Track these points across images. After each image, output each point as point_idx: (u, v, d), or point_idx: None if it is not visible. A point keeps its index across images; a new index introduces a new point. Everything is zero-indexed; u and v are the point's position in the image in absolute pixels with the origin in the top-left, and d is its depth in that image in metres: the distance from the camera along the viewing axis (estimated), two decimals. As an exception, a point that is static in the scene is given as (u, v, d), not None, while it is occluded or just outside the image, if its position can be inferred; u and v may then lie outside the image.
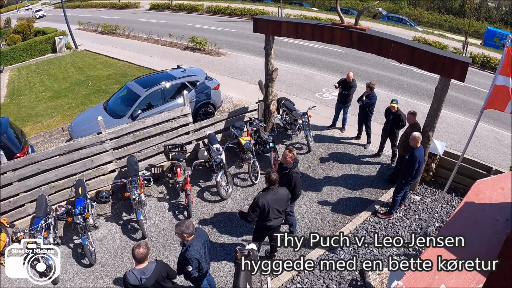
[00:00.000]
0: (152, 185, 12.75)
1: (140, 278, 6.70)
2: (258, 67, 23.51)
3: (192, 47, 30.12)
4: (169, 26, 39.58)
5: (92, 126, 13.82)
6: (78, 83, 25.07)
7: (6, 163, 11.23)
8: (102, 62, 29.94)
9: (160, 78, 15.99)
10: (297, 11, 43.87)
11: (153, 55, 29.78)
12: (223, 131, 13.92)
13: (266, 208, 8.25)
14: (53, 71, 29.67)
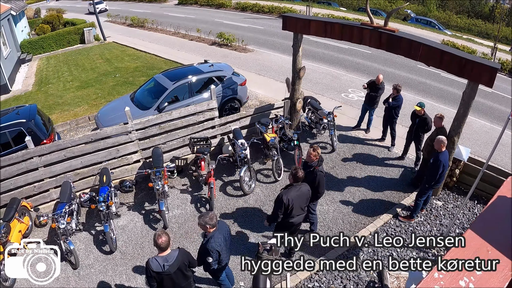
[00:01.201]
0: (175, 177, 12.85)
1: (163, 265, 6.76)
2: (285, 64, 23.48)
3: (220, 42, 30.22)
4: (197, 21, 39.76)
5: (118, 116, 13.99)
6: (105, 74, 25.36)
7: (33, 148, 11.40)
8: (129, 54, 30.24)
9: (187, 72, 16.06)
10: (325, 10, 43.72)
11: (180, 49, 29.98)
12: (248, 127, 13.93)
13: (290, 205, 8.26)
14: (81, 61, 30.01)
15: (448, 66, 9.90)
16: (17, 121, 13.55)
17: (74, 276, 10.02)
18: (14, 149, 12.78)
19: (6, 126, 13.42)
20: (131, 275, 9.85)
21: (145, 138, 12.48)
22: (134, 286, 9.55)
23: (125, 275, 9.86)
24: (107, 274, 9.95)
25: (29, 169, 11.59)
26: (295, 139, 12.76)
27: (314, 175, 9.11)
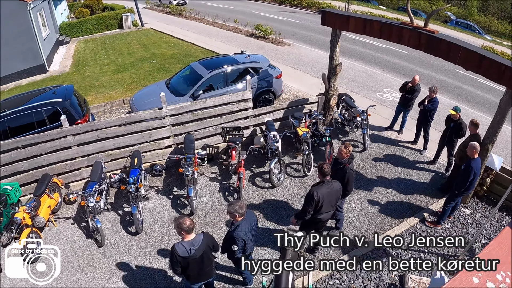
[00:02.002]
0: (205, 165, 12.93)
1: (189, 250, 6.79)
2: (321, 60, 23.34)
3: (257, 34, 30.14)
4: (235, 12, 39.77)
5: (153, 101, 14.14)
6: (142, 60, 25.61)
7: (68, 127, 11.60)
8: (166, 41, 30.44)
9: (223, 61, 16.09)
10: (364, 8, 43.22)
11: (217, 39, 30.05)
12: (281, 120, 13.89)
13: (320, 202, 8.20)
14: (118, 46, 30.34)
15: (486, 71, 9.64)
16: (53, 100, 13.83)
17: (99, 253, 10.25)
18: (49, 127, 13.06)
19: (43, 105, 13.73)
20: (154, 257, 9.99)
21: (178, 124, 12.58)
22: (156, 268, 9.69)
23: (149, 256, 10.01)
24: (131, 254, 10.13)
25: (62, 147, 11.85)
26: (327, 135, 12.67)
27: (343, 172, 9.06)
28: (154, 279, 9.43)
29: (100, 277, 9.65)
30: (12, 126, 13.48)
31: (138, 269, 9.74)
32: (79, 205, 11.88)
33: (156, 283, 9.34)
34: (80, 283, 9.54)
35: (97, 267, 9.92)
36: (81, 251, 10.45)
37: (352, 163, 9.37)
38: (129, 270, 9.76)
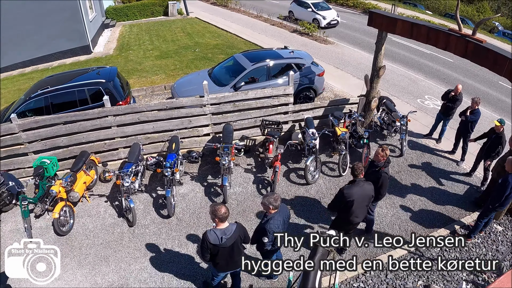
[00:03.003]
0: (241, 156, 12.96)
1: (221, 238, 6.82)
2: (364, 61, 23.11)
3: (301, 31, 29.99)
4: (280, 7, 39.61)
5: (194, 89, 14.28)
6: (185, 48, 25.81)
7: (109, 108, 11.78)
8: (211, 31, 30.62)
9: (267, 55, 16.12)
10: (410, 12, 42.52)
11: (261, 33, 30.04)
12: (320, 118, 13.81)
13: (350, 200, 8.17)
14: (162, 32, 30.64)
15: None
16: (97, 81, 14.13)
17: (129, 233, 10.49)
18: (91, 106, 13.32)
19: (86, 84, 14.05)
20: (183, 241, 10.12)
21: (218, 113, 12.65)
22: (184, 253, 9.82)
23: (178, 240, 10.16)
24: (161, 236, 10.30)
25: (102, 126, 12.10)
26: (365, 137, 12.55)
27: (378, 175, 8.98)
28: (180, 263, 9.55)
29: (128, 256, 9.87)
30: (54, 102, 13.81)
31: (166, 252, 9.88)
32: (114, 184, 12.13)
33: (182, 267, 9.46)
34: (108, 260, 9.81)
35: (126, 246, 10.15)
36: (111, 229, 10.71)
37: (388, 167, 9.28)
38: (157, 252, 9.93)
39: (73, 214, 10.97)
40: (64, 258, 9.97)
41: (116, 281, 9.31)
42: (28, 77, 24.54)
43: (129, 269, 9.54)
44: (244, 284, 8.84)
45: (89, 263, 9.82)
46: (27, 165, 12.45)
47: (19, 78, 24.82)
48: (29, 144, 12.18)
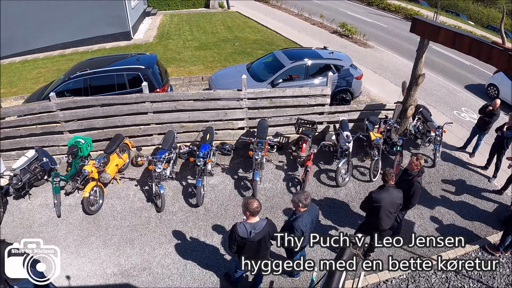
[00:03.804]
0: (274, 152, 12.95)
1: (250, 232, 6.83)
2: (402, 68, 22.82)
3: (341, 32, 29.73)
4: (321, 7, 39.44)
5: (231, 82, 14.33)
6: (224, 41, 25.93)
7: (147, 94, 11.90)
8: (251, 26, 30.68)
9: (306, 54, 16.04)
10: (452, 21, 41.76)
11: (300, 31, 29.89)
12: (355, 121, 13.69)
13: (377, 204, 8.15)
14: (203, 24, 30.83)
15: None
16: (136, 66, 14.28)
17: (156, 218, 10.65)
18: (128, 91, 13.46)
19: (126, 69, 14.26)
20: (209, 231, 10.20)
21: (254, 108, 12.66)
22: (208, 243, 9.88)
23: (204, 230, 10.23)
24: (187, 225, 10.40)
25: (139, 111, 12.27)
26: (399, 144, 12.39)
27: (411, 184, 8.90)
28: (204, 253, 9.61)
29: (153, 240, 10.01)
30: (93, 84, 14.07)
31: (191, 240, 9.97)
32: (145, 169, 12.29)
33: (205, 257, 9.52)
34: (133, 242, 9.98)
35: (152, 230, 10.29)
36: (139, 212, 10.87)
37: (421, 177, 9.18)
38: (182, 239, 10.02)
39: (102, 194, 11.18)
40: (90, 237, 10.24)
41: (139, 264, 9.45)
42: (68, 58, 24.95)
43: (153, 254, 9.67)
44: (265, 280, 8.83)
45: (114, 243, 10.01)
46: (62, 143, 12.71)
47: (59, 58, 25.24)
48: (66, 123, 12.45)
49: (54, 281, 9.00)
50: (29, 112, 12.47)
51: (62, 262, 9.57)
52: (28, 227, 10.85)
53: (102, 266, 9.47)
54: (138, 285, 9.00)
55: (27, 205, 11.52)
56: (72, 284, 9.15)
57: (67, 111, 12.22)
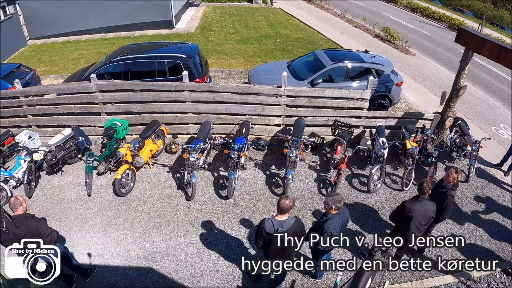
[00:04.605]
0: (308, 152, 12.85)
1: (276, 229, 6.79)
2: (443, 78, 22.42)
3: (383, 37, 29.35)
4: (365, 9, 39.06)
5: (271, 78, 14.32)
6: (266, 36, 25.95)
7: (187, 83, 12.00)
8: (293, 24, 30.62)
9: (348, 56, 15.91)
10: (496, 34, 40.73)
11: (342, 33, 29.63)
12: (392, 128, 13.48)
13: (408, 215, 7.97)
14: (245, 18, 30.89)
15: None
16: (177, 55, 14.37)
17: (185, 206, 10.74)
18: (168, 78, 13.58)
19: (167, 57, 14.39)
20: (236, 225, 10.21)
21: (293, 106, 12.58)
22: (235, 236, 9.90)
23: (231, 222, 10.26)
24: (215, 216, 10.45)
25: (177, 100, 12.35)
26: (434, 155, 12.14)
27: (444, 197, 8.72)
28: (229, 245, 9.64)
29: (180, 228, 10.11)
30: (133, 69, 14.29)
31: (218, 232, 10.01)
32: (178, 156, 12.42)
33: (230, 249, 9.54)
34: (160, 228, 10.11)
35: (180, 218, 10.38)
36: (169, 199, 10.98)
37: (455, 191, 9.02)
38: (209, 229, 10.08)
39: (134, 178, 11.32)
40: (118, 218, 10.43)
41: (164, 249, 9.55)
42: (110, 42, 25.32)
43: (179, 241, 9.75)
44: (287, 278, 8.80)
45: (141, 227, 10.14)
46: (98, 124, 12.94)
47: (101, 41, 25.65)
48: (104, 105, 12.67)
49: (78, 258, 9.25)
50: (69, 91, 12.74)
51: (88, 240, 9.85)
52: (58, 202, 11.10)
53: (127, 248, 9.62)
54: (160, 270, 9.11)
55: (59, 182, 11.79)
56: (96, 263, 9.32)
57: (106, 93, 12.44)
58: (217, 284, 8.81)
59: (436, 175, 12.17)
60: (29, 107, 13.16)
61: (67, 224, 10.34)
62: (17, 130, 13.00)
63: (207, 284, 8.80)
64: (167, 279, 8.94)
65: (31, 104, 13.13)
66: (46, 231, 7.56)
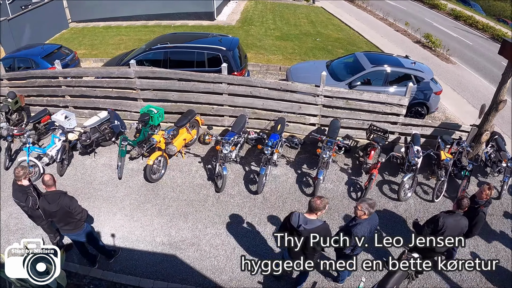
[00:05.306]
0: (341, 154, 12.71)
1: (300, 225, 6.78)
2: (482, 90, 21.95)
3: (424, 43, 28.82)
4: (407, 13, 38.45)
5: (309, 77, 14.21)
6: (306, 34, 25.84)
7: (226, 75, 12.04)
8: (334, 24, 30.41)
9: (388, 60, 15.71)
10: (542, 48, 39.97)
11: (383, 36, 29.26)
12: (427, 137, 13.24)
13: (442, 230, 7.77)
14: (286, 15, 30.83)
15: None
16: (218, 47, 14.42)
17: (214, 198, 10.82)
18: (206, 70, 13.63)
19: (207, 48, 14.47)
20: (263, 220, 10.20)
21: (329, 106, 12.46)
22: (261, 231, 9.90)
23: (258, 218, 10.26)
24: (243, 210, 10.48)
25: (214, 91, 12.40)
26: (468, 169, 11.85)
27: (475, 213, 8.54)
28: (254, 240, 9.66)
29: (206, 218, 10.19)
30: (172, 58, 14.45)
31: (244, 226, 10.05)
32: (211, 147, 12.52)
33: (255, 244, 9.56)
34: (187, 217, 10.22)
35: (207, 209, 10.46)
36: (198, 189, 11.08)
37: (488, 208, 8.86)
38: (236, 223, 10.11)
39: (166, 165, 11.44)
40: (146, 203, 10.58)
41: (189, 238, 9.64)
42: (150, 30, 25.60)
43: (205, 231, 9.83)
44: (309, 279, 8.74)
45: (168, 214, 10.27)
46: (134, 109, 13.10)
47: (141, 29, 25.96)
48: (141, 91, 12.82)
49: (104, 239, 9.42)
50: (107, 75, 12.97)
51: (115, 222, 10.04)
52: (88, 183, 11.34)
53: (152, 234, 9.76)
54: (183, 259, 9.20)
55: (91, 163, 12.05)
56: (121, 245, 9.50)
57: (145, 80, 12.58)
58: (239, 278, 8.84)
59: (468, 189, 11.90)
60: (67, 88, 13.46)
61: (96, 204, 10.57)
62: (54, 110, 13.31)
63: (229, 277, 8.84)
64: (189, 268, 9.02)
65: (69, 85, 13.44)
66: (77, 209, 7.75)
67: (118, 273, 8.87)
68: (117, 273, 8.88)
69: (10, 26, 22.85)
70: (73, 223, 7.85)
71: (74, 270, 8.91)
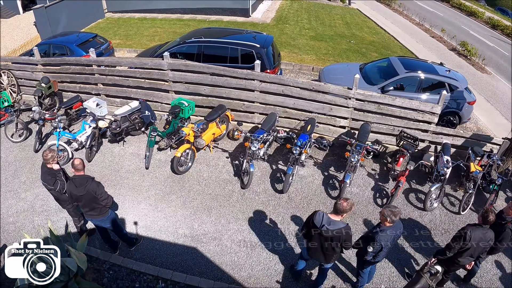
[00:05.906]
0: (369, 158, 12.60)
1: (323, 224, 6.79)
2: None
3: (460, 51, 28.36)
4: (444, 20, 37.91)
5: (341, 78, 14.15)
6: (341, 36, 25.68)
7: (258, 72, 12.05)
8: (369, 26, 30.19)
9: (422, 66, 15.50)
10: None
11: (419, 42, 28.94)
12: (458, 148, 13.04)
13: (468, 244, 7.59)
14: (322, 15, 30.69)
15: None
16: (252, 44, 14.43)
17: (239, 194, 10.83)
18: (239, 66, 13.65)
19: (241, 44, 14.45)
20: (287, 220, 10.14)
21: (360, 110, 12.35)
22: (283, 231, 9.85)
23: (282, 217, 10.20)
24: (267, 208, 10.43)
25: (246, 88, 12.41)
26: (497, 183, 11.56)
27: (502, 229, 8.28)
28: (276, 239, 9.61)
29: (230, 214, 10.20)
30: (205, 52, 14.51)
31: (267, 224, 10.01)
32: (239, 144, 12.54)
33: (277, 243, 9.52)
34: (210, 211, 10.26)
35: (231, 204, 10.47)
36: (224, 184, 11.10)
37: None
38: (259, 220, 10.09)
39: (193, 158, 11.51)
40: (171, 195, 10.67)
41: (211, 232, 9.68)
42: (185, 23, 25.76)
43: (227, 227, 9.84)
44: (327, 282, 8.67)
45: (192, 207, 10.33)
46: (166, 101, 13.22)
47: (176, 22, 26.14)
48: (173, 83, 12.94)
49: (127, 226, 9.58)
50: (141, 66, 13.10)
51: (139, 211, 10.15)
52: (116, 170, 11.49)
53: (175, 225, 9.83)
54: (204, 252, 9.23)
55: (120, 151, 12.20)
56: (143, 234, 9.59)
57: (177, 72, 12.68)
58: (258, 275, 8.83)
59: (496, 204, 11.66)
60: (101, 76, 13.71)
61: (121, 192, 10.71)
62: (86, 97, 13.55)
63: (248, 274, 8.84)
64: (209, 262, 9.05)
65: (103, 73, 13.68)
66: (103, 195, 7.85)
67: (138, 261, 8.97)
68: (137, 261, 8.98)
69: (47, 13, 23.26)
70: (98, 209, 7.95)
71: (95, 255, 9.05)
